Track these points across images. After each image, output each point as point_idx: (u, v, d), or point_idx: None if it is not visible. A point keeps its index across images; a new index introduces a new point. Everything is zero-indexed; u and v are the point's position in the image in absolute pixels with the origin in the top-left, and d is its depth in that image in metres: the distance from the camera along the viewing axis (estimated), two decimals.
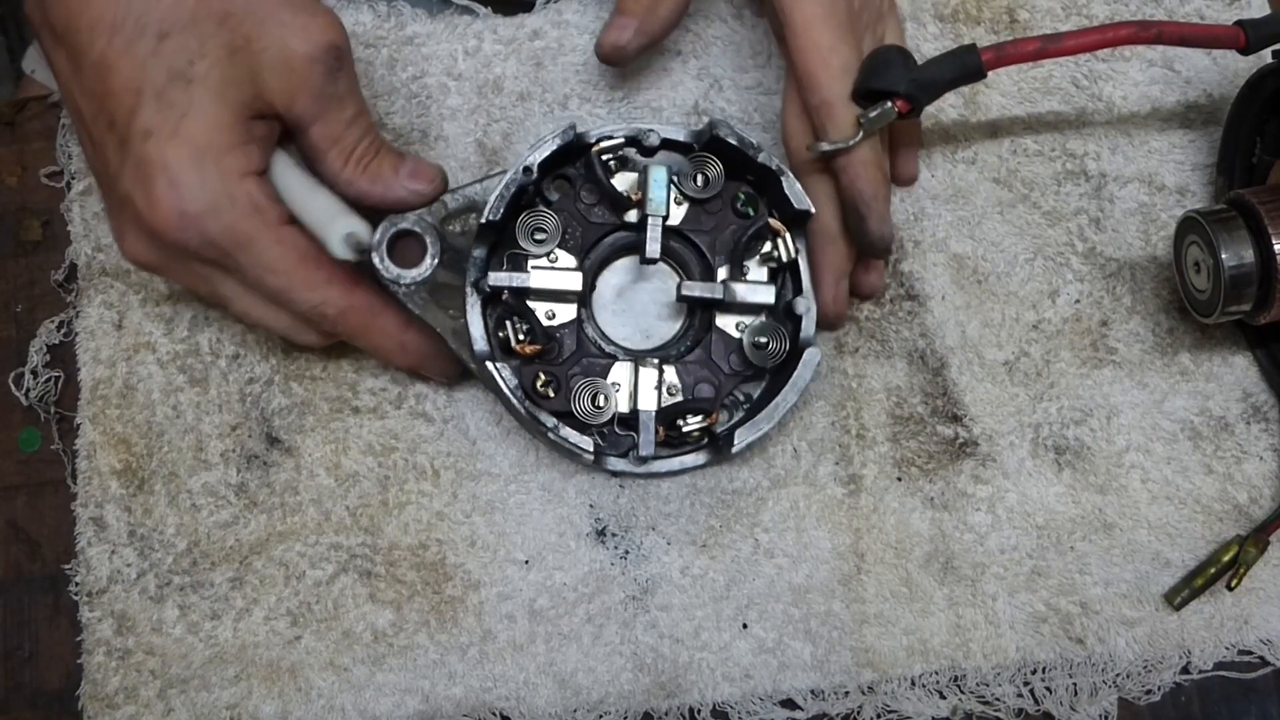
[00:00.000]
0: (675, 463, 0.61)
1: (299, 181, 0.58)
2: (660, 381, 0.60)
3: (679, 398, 0.61)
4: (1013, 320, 0.68)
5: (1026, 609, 0.63)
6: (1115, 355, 0.67)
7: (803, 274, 0.62)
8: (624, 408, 0.60)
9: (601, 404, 0.60)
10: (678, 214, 0.63)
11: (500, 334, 0.60)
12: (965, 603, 0.63)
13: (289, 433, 0.64)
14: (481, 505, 0.63)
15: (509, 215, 0.61)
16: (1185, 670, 0.63)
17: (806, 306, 0.61)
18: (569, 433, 0.59)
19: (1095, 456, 0.66)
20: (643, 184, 0.61)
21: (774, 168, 0.61)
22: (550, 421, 0.59)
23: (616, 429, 0.61)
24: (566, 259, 0.62)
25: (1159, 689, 0.62)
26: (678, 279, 0.64)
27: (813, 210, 0.61)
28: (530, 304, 0.60)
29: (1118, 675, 0.62)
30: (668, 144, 0.63)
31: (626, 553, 0.63)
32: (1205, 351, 0.68)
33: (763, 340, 0.62)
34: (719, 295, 0.61)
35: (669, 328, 0.64)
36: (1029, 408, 0.66)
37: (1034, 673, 0.62)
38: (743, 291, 0.61)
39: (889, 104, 0.63)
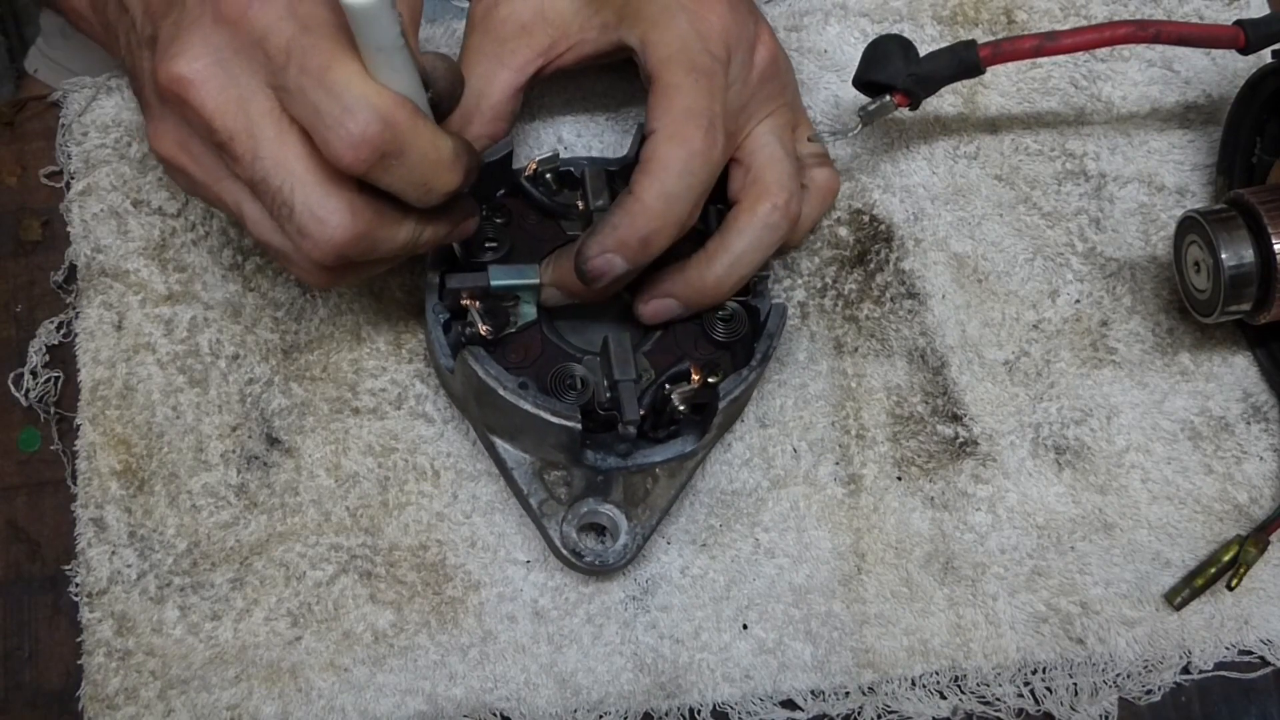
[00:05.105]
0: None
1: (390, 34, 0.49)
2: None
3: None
4: (1013, 320, 0.68)
5: (1027, 609, 0.63)
6: (1115, 355, 0.67)
7: None
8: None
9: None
10: None
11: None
12: (965, 603, 0.63)
13: (289, 433, 0.64)
14: (482, 506, 0.63)
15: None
16: (1185, 670, 0.63)
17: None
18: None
19: (1095, 456, 0.66)
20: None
21: None
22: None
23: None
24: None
25: (1159, 689, 0.62)
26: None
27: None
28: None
29: (1118, 675, 0.62)
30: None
31: None
32: (1205, 351, 0.68)
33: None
34: None
35: (630, 325, 0.64)
36: (1029, 407, 0.66)
37: (1034, 673, 0.62)
38: None
39: (888, 97, 0.63)
